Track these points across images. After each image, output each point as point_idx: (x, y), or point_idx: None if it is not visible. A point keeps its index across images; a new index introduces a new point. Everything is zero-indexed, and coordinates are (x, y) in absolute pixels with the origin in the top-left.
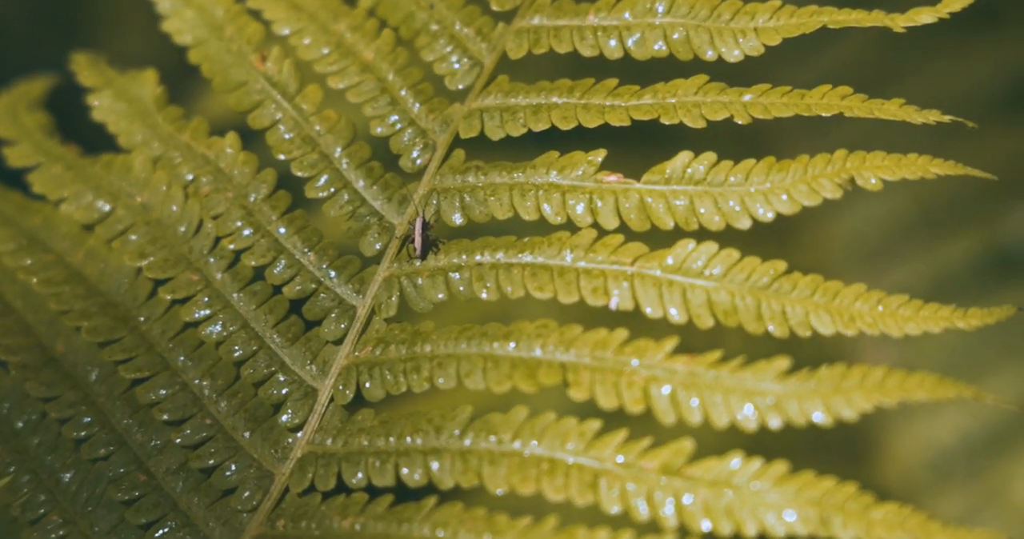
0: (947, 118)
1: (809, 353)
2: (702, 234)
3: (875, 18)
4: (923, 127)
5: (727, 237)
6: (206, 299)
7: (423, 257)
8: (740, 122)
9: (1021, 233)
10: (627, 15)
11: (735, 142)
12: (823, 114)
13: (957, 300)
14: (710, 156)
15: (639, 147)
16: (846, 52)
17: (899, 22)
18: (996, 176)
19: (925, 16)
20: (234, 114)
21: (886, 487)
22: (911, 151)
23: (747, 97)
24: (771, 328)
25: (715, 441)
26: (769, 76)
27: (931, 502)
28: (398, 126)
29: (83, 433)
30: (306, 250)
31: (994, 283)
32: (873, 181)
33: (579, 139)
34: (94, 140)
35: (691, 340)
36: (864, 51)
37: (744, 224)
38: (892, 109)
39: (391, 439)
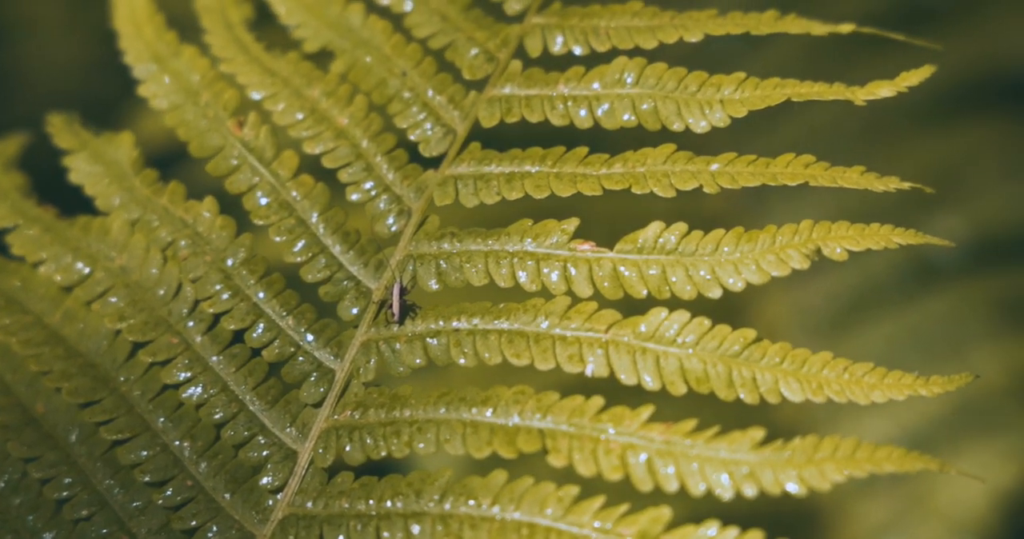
0: (906, 185)
1: None
2: (666, 302)
3: (837, 91)
4: (845, 136)
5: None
6: (186, 362)
7: (401, 322)
8: (708, 191)
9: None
10: (596, 85)
11: None
12: (788, 183)
13: (880, 307)
14: (681, 226)
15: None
16: (773, 59)
17: (860, 95)
18: (924, 187)
19: (885, 90)
20: (170, 137)
21: (813, 494)
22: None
23: (715, 167)
24: (742, 395)
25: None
26: None
27: (857, 508)
28: (373, 192)
29: (65, 493)
30: (284, 314)
31: (917, 291)
32: (839, 251)
33: (547, 201)
34: (70, 200)
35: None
36: (790, 60)
37: (715, 293)
38: (854, 177)
39: (371, 502)
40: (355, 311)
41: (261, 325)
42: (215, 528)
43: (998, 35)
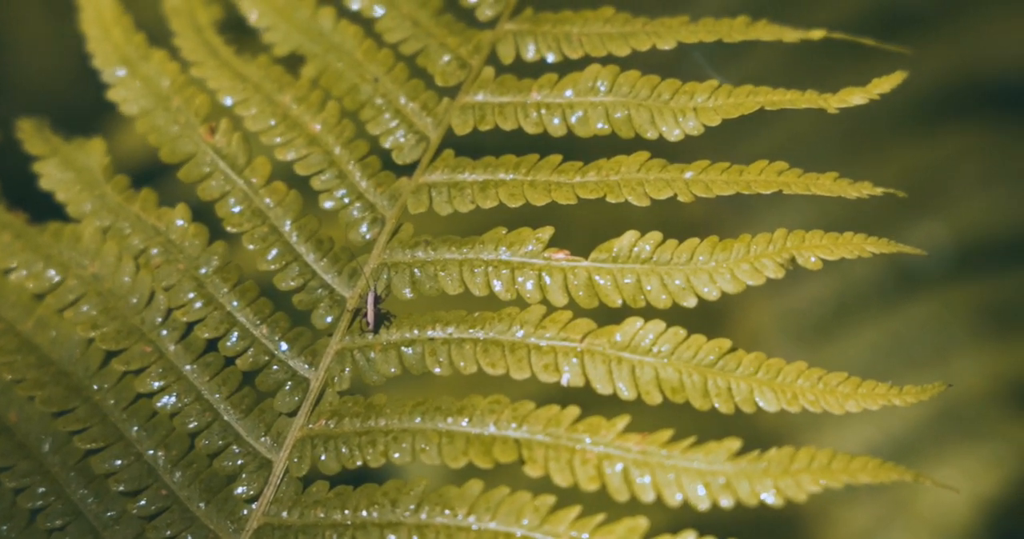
0: (879, 191)
1: None
2: (641, 311)
3: (809, 99)
4: (826, 141)
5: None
6: (160, 370)
7: (376, 331)
8: (683, 200)
9: (923, 248)
10: (569, 93)
11: None
12: (762, 191)
13: (863, 313)
14: (656, 235)
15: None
16: (754, 67)
17: (832, 103)
18: (897, 191)
19: (857, 97)
20: (151, 151)
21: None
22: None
23: (688, 175)
24: (717, 404)
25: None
26: None
27: (840, 513)
28: (346, 200)
29: (39, 503)
30: (258, 322)
31: (897, 298)
32: (813, 260)
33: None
34: (40, 207)
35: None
36: (769, 67)
37: (690, 302)
38: (827, 184)
39: (346, 512)
40: (329, 319)
41: (235, 334)
42: (190, 538)
43: (978, 41)
